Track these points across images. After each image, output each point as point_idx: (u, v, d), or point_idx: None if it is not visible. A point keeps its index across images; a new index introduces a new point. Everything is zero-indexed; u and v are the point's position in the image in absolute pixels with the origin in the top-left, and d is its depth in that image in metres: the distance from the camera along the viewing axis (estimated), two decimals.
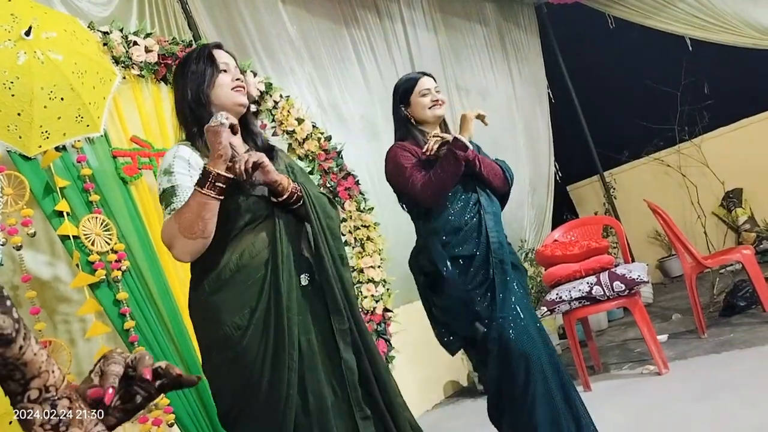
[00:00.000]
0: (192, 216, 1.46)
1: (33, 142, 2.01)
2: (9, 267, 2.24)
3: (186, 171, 1.57)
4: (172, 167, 1.57)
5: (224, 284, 1.54)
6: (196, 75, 1.66)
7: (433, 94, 2.33)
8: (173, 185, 1.55)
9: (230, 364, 1.52)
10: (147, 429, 2.12)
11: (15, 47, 1.92)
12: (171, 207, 1.53)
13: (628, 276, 3.37)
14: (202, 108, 1.64)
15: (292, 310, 1.54)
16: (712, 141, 6.18)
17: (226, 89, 1.66)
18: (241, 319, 1.52)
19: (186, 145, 1.63)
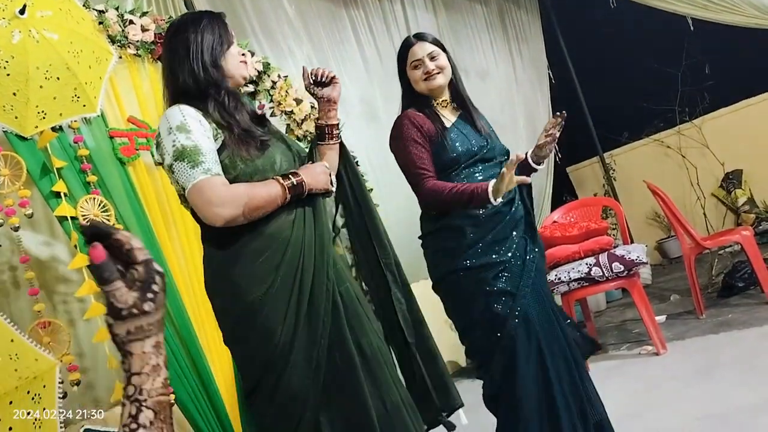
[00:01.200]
0: (262, 205, 1.50)
1: (29, 122, 1.99)
2: (7, 248, 2.24)
3: (201, 131, 1.53)
4: (187, 125, 1.51)
5: (247, 254, 1.52)
6: (213, 38, 1.64)
7: (426, 65, 2.10)
8: (196, 144, 1.49)
9: (257, 331, 1.51)
10: None
11: (9, 26, 1.90)
12: (202, 167, 1.47)
13: (627, 257, 3.38)
14: (216, 71, 1.63)
15: (325, 262, 1.57)
16: (712, 122, 6.16)
17: (236, 61, 1.68)
18: (264, 288, 1.51)
19: (186, 105, 1.57)
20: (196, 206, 1.49)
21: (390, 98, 4.80)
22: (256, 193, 1.49)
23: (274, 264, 1.52)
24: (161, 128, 1.54)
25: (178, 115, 1.53)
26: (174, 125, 1.51)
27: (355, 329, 1.58)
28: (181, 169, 1.48)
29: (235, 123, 1.60)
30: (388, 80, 4.88)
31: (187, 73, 1.61)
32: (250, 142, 1.59)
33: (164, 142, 1.52)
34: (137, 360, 0.74)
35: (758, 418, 2.19)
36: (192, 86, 1.60)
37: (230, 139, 1.57)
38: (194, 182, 1.46)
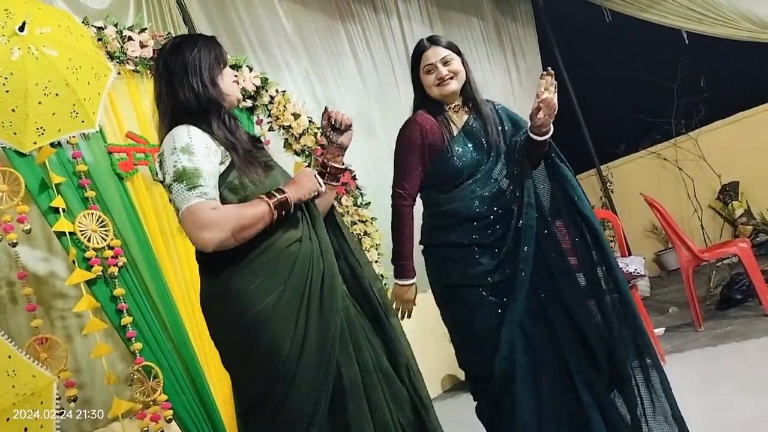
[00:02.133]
0: (250, 224, 1.48)
1: (28, 138, 2.00)
2: (5, 263, 2.24)
3: (206, 154, 1.53)
4: (192, 147, 1.51)
5: (252, 268, 1.52)
6: (208, 59, 1.65)
7: (438, 70, 2.07)
8: (197, 167, 1.49)
9: (263, 344, 1.49)
10: (145, 425, 2.12)
11: (9, 43, 1.91)
12: (199, 190, 1.47)
13: (625, 270, 3.38)
14: (214, 90, 1.64)
15: (334, 283, 1.58)
16: (708, 134, 6.19)
17: (230, 80, 1.70)
18: (271, 301, 1.50)
19: (194, 126, 1.58)
20: (186, 229, 1.48)
21: (386, 112, 4.82)
22: (244, 214, 1.48)
23: (282, 277, 1.52)
24: (166, 146, 1.54)
25: (184, 136, 1.53)
26: (179, 145, 1.51)
27: (354, 348, 1.58)
28: (179, 190, 1.48)
29: (238, 143, 1.61)
30: (385, 94, 4.91)
31: (187, 90, 1.61)
32: (255, 162, 1.61)
33: (166, 161, 1.52)
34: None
35: (758, 429, 2.18)
36: (194, 103, 1.61)
37: (238, 160, 1.58)
38: (188, 205, 1.46)
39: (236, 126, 1.67)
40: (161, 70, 1.66)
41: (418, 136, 2.08)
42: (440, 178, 2.08)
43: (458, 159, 2.06)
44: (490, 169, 2.09)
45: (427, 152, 2.08)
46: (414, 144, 2.08)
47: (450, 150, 2.06)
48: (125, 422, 2.11)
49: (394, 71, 5.05)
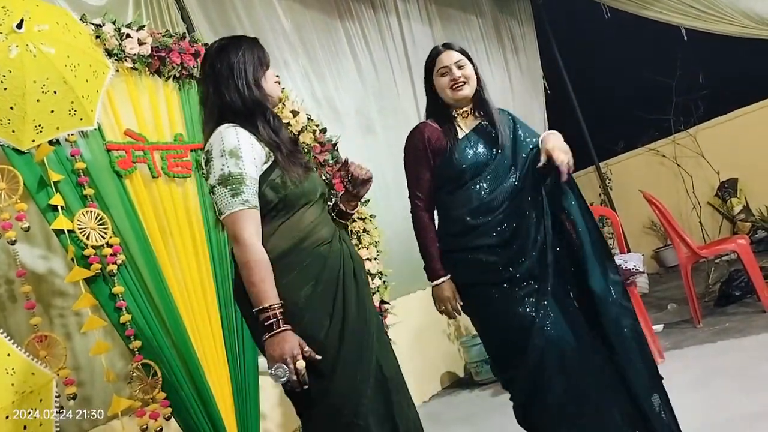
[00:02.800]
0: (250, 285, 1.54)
1: (26, 135, 2.00)
2: (4, 261, 2.24)
3: (252, 158, 1.60)
4: (239, 150, 1.59)
5: (283, 264, 1.58)
6: (253, 61, 1.72)
7: (453, 73, 2.10)
8: (242, 172, 1.57)
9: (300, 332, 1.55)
10: (144, 422, 2.12)
11: (7, 40, 1.91)
12: (242, 198, 1.56)
13: (623, 266, 3.38)
14: (259, 91, 1.70)
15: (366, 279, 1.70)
16: (707, 131, 6.19)
17: (272, 81, 1.76)
18: (304, 293, 1.58)
19: (242, 127, 1.64)
20: (228, 232, 1.58)
21: (385, 110, 4.82)
22: (256, 278, 1.53)
23: (313, 273, 1.60)
24: (214, 146, 1.61)
25: (233, 138, 1.60)
26: (228, 148, 1.58)
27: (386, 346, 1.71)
28: (222, 194, 1.56)
29: (281, 143, 1.68)
30: (384, 92, 4.90)
31: (232, 91, 1.68)
32: (297, 163, 1.67)
33: (214, 163, 1.59)
34: None
35: (756, 426, 2.19)
36: (239, 104, 1.67)
37: (281, 159, 1.64)
38: (232, 211, 1.56)
39: (280, 126, 1.74)
40: (208, 72, 1.73)
41: (420, 143, 2.13)
42: (444, 179, 2.11)
43: (461, 159, 2.07)
44: (497, 169, 2.08)
45: (431, 157, 2.11)
46: (418, 151, 2.13)
47: (452, 150, 2.09)
48: (124, 420, 2.11)
49: (393, 69, 5.04)
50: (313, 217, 1.67)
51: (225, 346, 2.44)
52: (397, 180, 3.12)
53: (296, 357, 1.48)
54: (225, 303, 2.48)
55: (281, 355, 1.48)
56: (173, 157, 2.49)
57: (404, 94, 5.07)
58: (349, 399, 1.56)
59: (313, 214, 1.68)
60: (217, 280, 2.48)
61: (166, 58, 2.56)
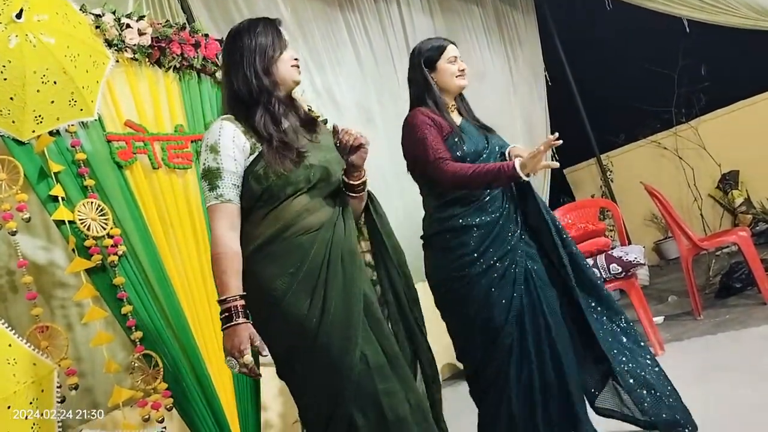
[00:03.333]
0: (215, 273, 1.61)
1: (26, 126, 1.99)
2: (5, 252, 2.24)
3: (231, 152, 1.65)
4: (218, 145, 1.64)
5: (264, 254, 1.63)
6: (265, 46, 1.72)
7: (459, 63, 2.28)
8: (219, 167, 1.64)
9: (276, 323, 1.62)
10: (146, 413, 2.12)
11: (6, 30, 1.90)
12: (216, 192, 1.64)
13: (624, 258, 3.38)
14: (267, 79, 1.71)
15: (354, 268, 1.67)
16: (708, 123, 6.18)
17: (288, 65, 1.76)
18: (282, 282, 1.61)
19: (229, 120, 1.69)
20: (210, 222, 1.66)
21: (385, 100, 4.81)
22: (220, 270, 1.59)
23: (294, 262, 1.62)
24: (204, 141, 1.69)
25: (215, 133, 1.66)
26: (209, 143, 1.66)
27: (376, 333, 1.67)
28: (204, 188, 1.67)
29: (275, 135, 1.68)
30: (384, 83, 4.88)
31: (240, 80, 1.71)
32: (287, 154, 1.67)
33: (201, 157, 1.69)
34: None
35: (757, 417, 2.19)
36: (245, 93, 1.70)
37: (268, 151, 1.66)
38: (208, 205, 1.66)
39: (284, 113, 1.75)
40: (223, 60, 1.79)
41: (426, 118, 2.17)
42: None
43: (462, 144, 2.16)
44: (488, 159, 2.19)
45: (439, 130, 2.16)
46: (424, 122, 2.16)
47: (455, 135, 2.17)
48: (126, 410, 2.12)
49: (393, 60, 5.02)
50: (300, 206, 1.67)
51: None
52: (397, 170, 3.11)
53: (243, 351, 1.52)
54: None
55: (230, 349, 1.53)
56: (174, 148, 2.48)
57: (404, 84, 5.03)
58: (329, 389, 1.58)
59: (300, 203, 1.68)
60: None
61: (167, 48, 2.55)
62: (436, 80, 2.27)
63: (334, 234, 1.68)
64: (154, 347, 2.17)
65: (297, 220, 1.65)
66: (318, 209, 1.70)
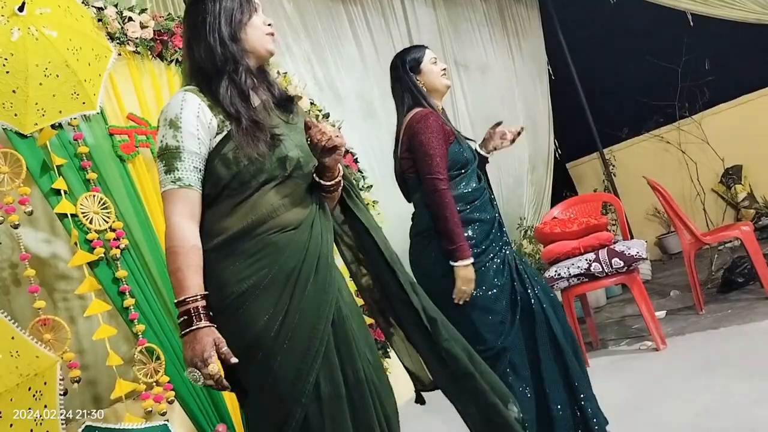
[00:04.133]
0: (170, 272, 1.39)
1: (29, 119, 1.99)
2: (7, 245, 2.24)
3: (195, 130, 1.42)
4: (179, 120, 1.41)
5: (228, 252, 1.42)
6: (231, 9, 1.51)
7: (440, 63, 2.38)
8: (179, 146, 1.40)
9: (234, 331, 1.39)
10: (148, 405, 2.13)
11: (8, 23, 1.90)
12: (174, 175, 1.40)
13: (626, 253, 3.38)
14: (235, 45, 1.50)
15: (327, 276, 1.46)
16: (712, 117, 6.16)
17: (260, 32, 1.55)
18: (246, 285, 1.39)
19: (193, 91, 1.46)
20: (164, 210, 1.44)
21: (387, 94, 4.76)
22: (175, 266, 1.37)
23: (263, 264, 1.41)
24: (161, 114, 1.46)
25: (176, 107, 1.43)
26: (169, 118, 1.43)
27: (343, 355, 1.44)
28: (159, 168, 1.43)
29: (244, 112, 1.46)
30: (386, 76, 4.83)
31: (203, 49, 1.49)
32: (259, 136, 1.45)
33: (158, 132, 1.46)
34: None
35: (758, 412, 2.19)
36: (208, 63, 1.48)
37: (237, 131, 1.44)
38: (163, 190, 1.42)
39: (254, 86, 1.53)
40: (184, 24, 1.55)
41: (438, 123, 2.23)
42: (452, 164, 2.23)
43: (464, 149, 2.27)
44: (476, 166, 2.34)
45: (446, 141, 2.23)
46: (439, 130, 2.21)
47: (457, 141, 2.26)
48: (128, 403, 2.13)
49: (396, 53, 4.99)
50: (277, 198, 1.46)
51: None
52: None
53: (207, 360, 1.30)
54: None
55: (191, 358, 1.31)
56: None
57: None
58: (272, 417, 1.37)
59: (278, 195, 1.46)
60: None
61: (169, 41, 2.55)
62: (423, 83, 2.36)
63: (311, 236, 1.46)
64: (157, 340, 2.18)
65: (273, 214, 1.44)
66: (295, 204, 1.48)
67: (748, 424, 2.14)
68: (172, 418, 2.23)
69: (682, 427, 2.28)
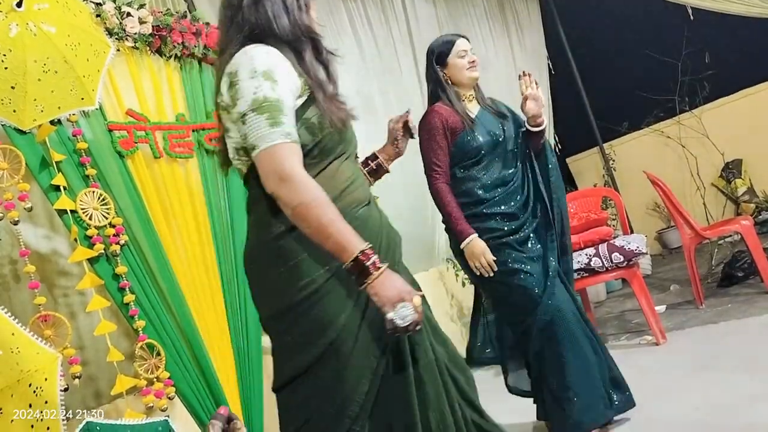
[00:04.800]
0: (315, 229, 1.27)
1: (27, 115, 1.99)
2: (7, 241, 2.24)
3: (291, 85, 1.34)
4: (275, 73, 1.32)
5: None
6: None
7: (469, 56, 2.42)
8: (279, 99, 1.30)
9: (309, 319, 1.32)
10: (149, 401, 2.13)
11: (6, 19, 1.89)
12: (283, 129, 1.28)
13: (626, 247, 3.38)
14: (308, 18, 1.46)
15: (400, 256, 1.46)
16: (712, 112, 6.15)
17: (316, 26, 1.52)
18: (329, 270, 1.32)
19: (275, 48, 1.38)
20: (261, 169, 1.30)
21: (387, 90, 4.78)
22: (324, 218, 1.25)
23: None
24: (241, 67, 1.33)
25: (265, 58, 1.33)
26: (260, 69, 1.31)
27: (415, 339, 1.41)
28: (257, 123, 1.29)
29: (324, 84, 1.42)
30: (386, 73, 4.86)
31: (278, 7, 1.40)
32: (341, 106, 1.42)
33: (243, 85, 1.32)
34: None
35: (757, 406, 2.20)
36: (285, 25, 1.40)
37: (323, 98, 1.38)
38: (272, 143, 1.28)
39: (332, 63, 1.49)
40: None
41: (438, 121, 2.34)
42: (461, 157, 2.35)
43: (478, 138, 2.34)
44: (505, 146, 2.40)
45: (449, 135, 2.34)
46: (436, 128, 2.33)
47: (470, 130, 2.34)
48: (129, 399, 2.13)
49: (396, 48, 4.99)
50: (350, 173, 1.42)
51: (228, 324, 2.45)
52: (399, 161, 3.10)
53: (411, 293, 1.24)
54: (228, 282, 2.49)
55: (398, 293, 1.23)
56: (175, 137, 2.48)
57: (407, 74, 5.03)
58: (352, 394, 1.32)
59: (350, 170, 1.42)
60: (220, 259, 2.49)
61: (167, 37, 2.54)
62: (448, 75, 2.42)
63: (381, 215, 1.44)
64: (157, 336, 2.18)
65: (351, 188, 1.38)
66: (362, 182, 1.45)
67: (748, 418, 2.14)
68: (173, 414, 2.23)
69: (682, 421, 2.29)
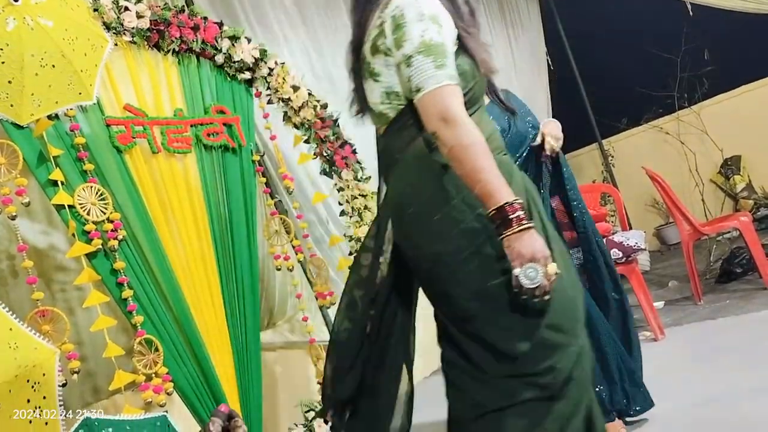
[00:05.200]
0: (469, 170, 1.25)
1: (25, 110, 1.98)
2: (5, 236, 2.24)
3: (452, 31, 1.38)
4: (440, 17, 1.34)
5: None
6: None
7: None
8: (443, 43, 1.32)
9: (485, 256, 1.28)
10: (148, 396, 2.13)
11: (3, 13, 1.88)
12: (448, 72, 1.30)
13: (625, 243, 3.38)
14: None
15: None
16: (711, 108, 6.15)
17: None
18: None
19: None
20: (425, 110, 1.31)
21: None
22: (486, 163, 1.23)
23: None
24: (408, 9, 1.35)
25: (431, 4, 1.35)
26: (427, 12, 1.33)
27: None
28: (424, 65, 1.30)
29: (472, 32, 1.44)
30: None
31: None
32: (486, 54, 1.44)
33: (410, 28, 1.33)
34: None
35: (756, 401, 2.20)
36: None
37: (475, 46, 1.40)
38: (439, 85, 1.29)
39: (476, 9, 1.51)
40: None
41: None
42: None
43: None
44: (512, 140, 2.45)
45: None
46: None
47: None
48: (128, 394, 2.12)
49: None
50: (489, 122, 1.45)
51: (226, 320, 2.45)
52: None
53: (548, 259, 1.21)
54: (226, 277, 2.48)
55: (533, 253, 1.19)
56: (173, 132, 2.47)
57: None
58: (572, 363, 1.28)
59: (488, 118, 1.45)
60: (218, 254, 2.48)
61: (165, 31, 2.53)
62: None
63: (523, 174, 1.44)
64: (155, 332, 2.18)
65: (494, 136, 1.40)
66: (498, 133, 1.48)
67: (746, 414, 2.14)
68: (171, 409, 2.23)
69: (680, 417, 2.29)
